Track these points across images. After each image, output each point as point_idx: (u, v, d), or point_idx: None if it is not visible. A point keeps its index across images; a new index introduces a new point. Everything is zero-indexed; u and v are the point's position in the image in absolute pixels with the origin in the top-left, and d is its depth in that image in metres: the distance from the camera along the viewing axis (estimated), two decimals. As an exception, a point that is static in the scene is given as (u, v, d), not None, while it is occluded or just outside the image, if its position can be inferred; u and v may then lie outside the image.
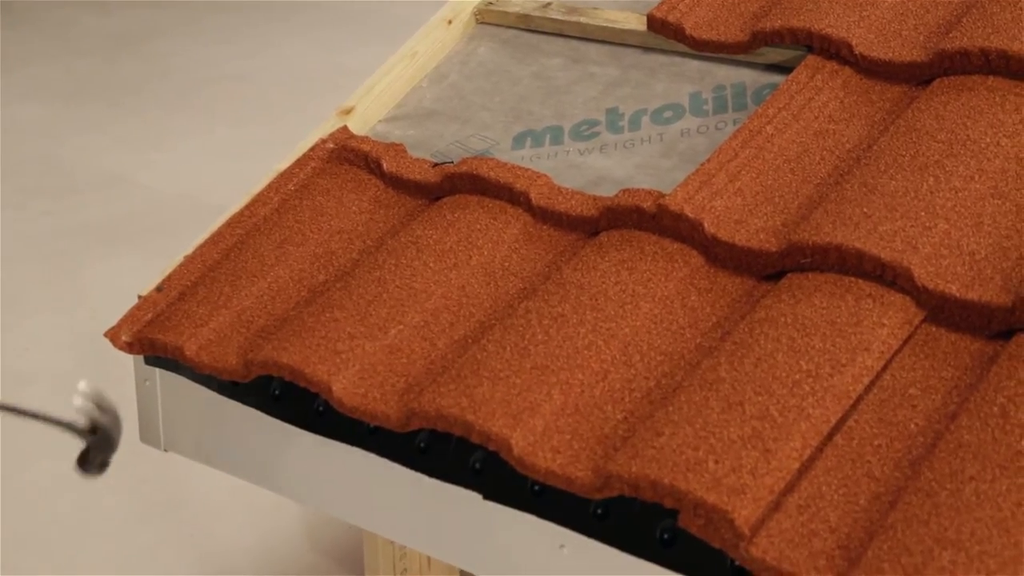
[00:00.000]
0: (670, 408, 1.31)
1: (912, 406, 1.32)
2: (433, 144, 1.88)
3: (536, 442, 1.31)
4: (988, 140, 1.58)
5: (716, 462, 1.21)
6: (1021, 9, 1.74)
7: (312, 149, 1.85)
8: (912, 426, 1.29)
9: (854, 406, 1.31)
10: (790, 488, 1.23)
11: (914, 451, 1.26)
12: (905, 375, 1.35)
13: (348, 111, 1.94)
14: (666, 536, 1.24)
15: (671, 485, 1.20)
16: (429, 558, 2.31)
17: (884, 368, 1.36)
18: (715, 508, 1.18)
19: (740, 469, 1.21)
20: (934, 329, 1.40)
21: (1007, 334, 1.37)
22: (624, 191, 1.63)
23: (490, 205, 1.67)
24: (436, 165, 1.80)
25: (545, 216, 1.67)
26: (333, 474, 1.55)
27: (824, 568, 1.14)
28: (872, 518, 1.19)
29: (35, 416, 1.21)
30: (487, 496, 1.38)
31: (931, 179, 1.53)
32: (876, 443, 1.27)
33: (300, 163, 1.83)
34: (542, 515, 1.33)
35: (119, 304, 1.71)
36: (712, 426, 1.26)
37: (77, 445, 1.32)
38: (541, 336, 1.43)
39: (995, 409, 1.25)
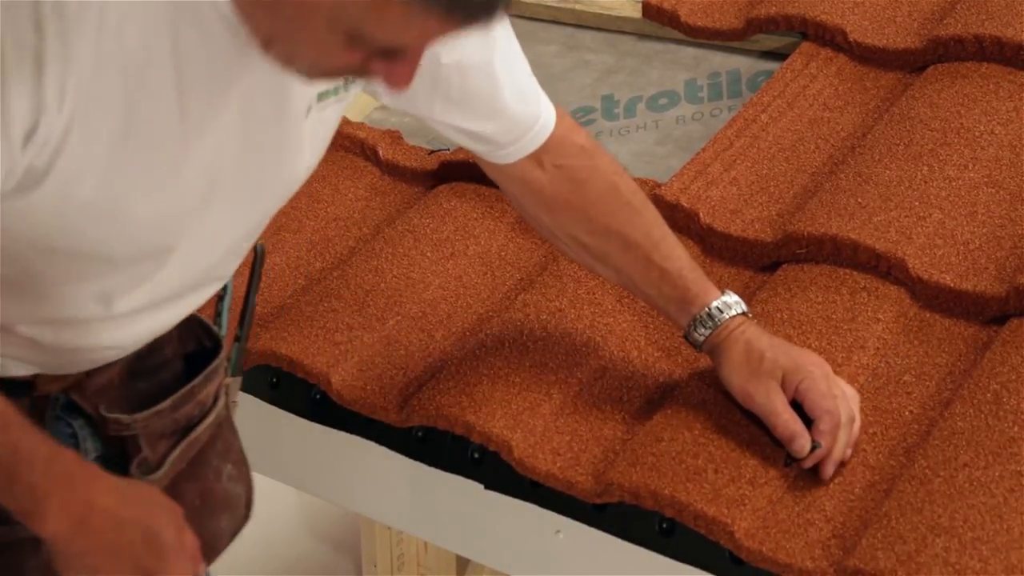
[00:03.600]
0: (668, 411, 1.31)
1: (907, 393, 1.32)
2: (429, 131, 1.87)
3: (536, 444, 1.32)
4: (982, 128, 1.59)
5: (715, 471, 1.22)
6: (1015, -5, 1.75)
7: (308, 137, 1.85)
8: (907, 413, 1.30)
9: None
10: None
11: (909, 439, 1.27)
12: (900, 362, 1.36)
13: (344, 98, 1.93)
14: (664, 526, 1.25)
15: (672, 496, 1.21)
16: (426, 543, 2.32)
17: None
18: (715, 520, 1.19)
19: (739, 479, 1.21)
20: (928, 315, 1.41)
21: (1001, 319, 1.38)
22: (620, 180, 1.63)
23: (486, 194, 1.67)
24: (432, 152, 1.80)
25: (541, 206, 1.67)
26: (331, 460, 1.55)
27: (819, 557, 1.15)
28: (867, 506, 1.19)
29: None
30: (488, 486, 1.38)
31: (925, 168, 1.53)
32: (871, 431, 1.27)
33: (296, 151, 1.83)
34: (541, 504, 1.34)
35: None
36: (710, 431, 1.27)
37: None
38: (539, 332, 1.43)
39: (988, 396, 1.26)
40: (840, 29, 1.83)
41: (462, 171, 1.72)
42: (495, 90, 1.23)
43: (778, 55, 1.90)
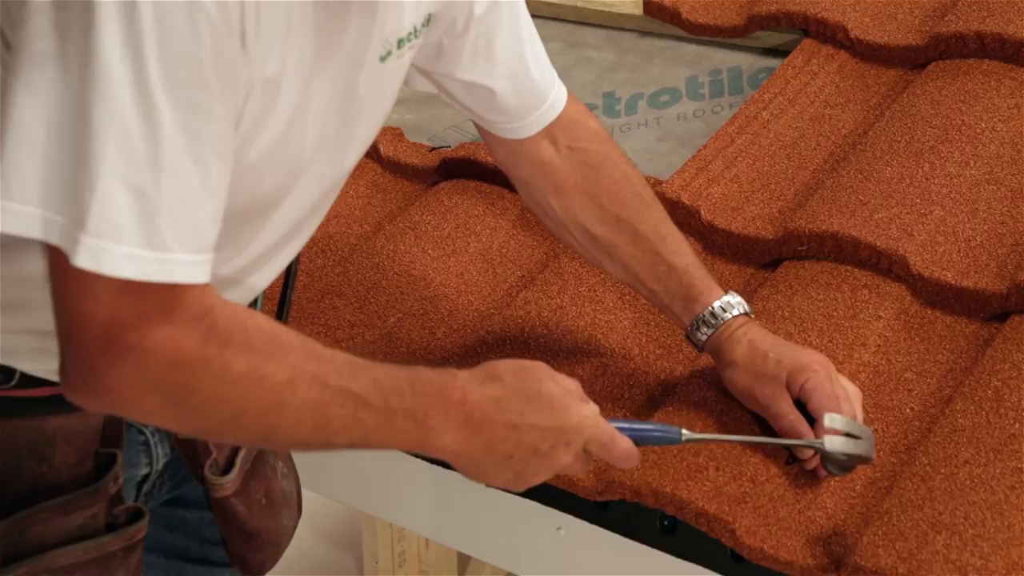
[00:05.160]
0: (669, 408, 1.31)
1: (908, 390, 1.32)
2: (430, 128, 1.88)
3: (537, 441, 1.32)
4: (983, 125, 1.59)
5: (717, 469, 1.22)
6: (1016, -8, 1.75)
7: (309, 134, 1.85)
8: (908, 410, 1.30)
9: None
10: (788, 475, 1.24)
11: (910, 436, 1.27)
12: (901, 359, 1.36)
13: (345, 95, 1.94)
14: (666, 523, 1.25)
15: (673, 494, 1.21)
16: (427, 540, 2.32)
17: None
18: (716, 518, 1.19)
19: (740, 477, 1.21)
20: (929, 312, 1.41)
21: (1002, 316, 1.38)
22: (621, 178, 1.63)
23: (488, 191, 1.68)
24: (433, 149, 1.80)
25: (543, 202, 1.67)
26: (332, 458, 1.55)
27: (820, 554, 1.15)
28: (868, 503, 1.20)
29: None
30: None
31: (926, 165, 1.53)
32: (872, 428, 1.27)
33: (297, 148, 1.83)
34: (542, 501, 1.34)
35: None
36: (712, 429, 1.26)
37: None
38: (540, 329, 1.43)
39: (989, 393, 1.26)
40: (841, 26, 1.83)
41: (463, 168, 1.72)
42: (519, 48, 1.26)
43: (779, 52, 1.90)
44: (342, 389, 0.97)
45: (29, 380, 1.07)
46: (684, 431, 1.16)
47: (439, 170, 1.75)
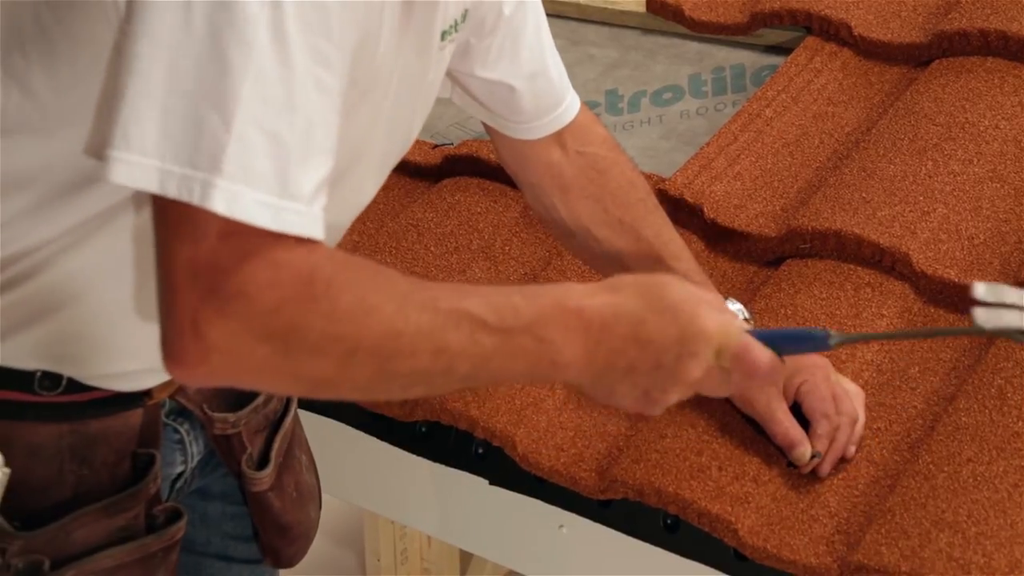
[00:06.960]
0: (672, 408, 1.29)
1: (911, 389, 1.32)
2: (433, 126, 1.88)
3: (540, 439, 1.32)
4: (987, 123, 1.59)
5: (719, 469, 1.22)
6: (1020, -10, 1.74)
7: (311, 131, 1.85)
8: (911, 409, 1.30)
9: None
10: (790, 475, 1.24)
11: (913, 434, 1.27)
12: (904, 357, 1.36)
13: (347, 93, 1.94)
14: (668, 522, 1.25)
15: (675, 494, 1.21)
16: (429, 538, 2.32)
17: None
18: (719, 518, 1.19)
19: (743, 476, 1.21)
20: (932, 310, 1.41)
21: (1005, 315, 1.38)
22: (623, 175, 1.63)
23: (490, 188, 1.67)
24: (436, 147, 1.80)
25: (545, 199, 1.67)
26: (334, 455, 1.55)
27: (823, 553, 1.15)
28: (871, 502, 1.19)
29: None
30: (493, 482, 1.38)
31: (930, 163, 1.53)
32: (875, 427, 1.27)
33: (299, 145, 1.83)
34: (544, 499, 1.34)
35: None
36: (714, 429, 1.26)
37: None
38: (543, 327, 1.43)
39: (993, 391, 1.26)
40: (845, 23, 1.83)
41: (466, 165, 1.72)
42: (540, 49, 1.27)
43: (782, 49, 1.90)
44: (455, 310, 0.90)
45: (75, 386, 1.06)
46: (832, 333, 1.03)
47: (441, 167, 1.75)
